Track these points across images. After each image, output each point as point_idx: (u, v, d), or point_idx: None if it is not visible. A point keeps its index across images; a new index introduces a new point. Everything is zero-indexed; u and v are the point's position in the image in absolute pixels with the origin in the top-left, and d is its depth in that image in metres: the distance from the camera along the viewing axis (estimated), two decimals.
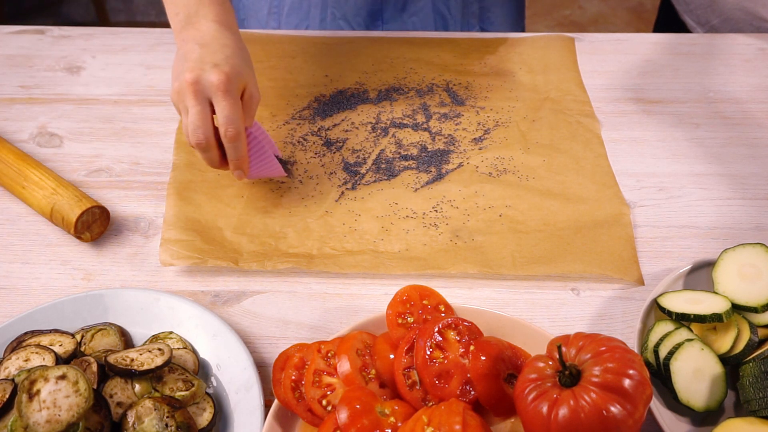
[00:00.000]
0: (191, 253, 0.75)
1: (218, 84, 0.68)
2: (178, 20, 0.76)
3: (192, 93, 0.69)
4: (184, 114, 0.72)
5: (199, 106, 0.69)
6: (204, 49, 0.71)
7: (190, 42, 0.72)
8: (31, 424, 0.52)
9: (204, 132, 0.70)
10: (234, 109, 0.70)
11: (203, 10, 0.74)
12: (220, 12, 0.75)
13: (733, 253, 0.68)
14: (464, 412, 0.53)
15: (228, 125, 0.69)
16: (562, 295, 0.73)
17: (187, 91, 0.69)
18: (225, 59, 0.70)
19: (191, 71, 0.69)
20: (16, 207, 0.82)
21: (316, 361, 0.60)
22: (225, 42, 0.72)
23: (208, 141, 0.71)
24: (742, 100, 0.97)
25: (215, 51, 0.71)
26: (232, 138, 0.70)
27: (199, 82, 0.69)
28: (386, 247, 0.76)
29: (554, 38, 1.07)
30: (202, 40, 0.72)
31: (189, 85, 0.69)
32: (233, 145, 0.71)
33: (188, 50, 0.71)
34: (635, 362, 0.51)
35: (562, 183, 0.83)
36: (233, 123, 0.70)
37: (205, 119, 0.70)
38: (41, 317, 0.67)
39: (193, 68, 0.69)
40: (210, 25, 0.73)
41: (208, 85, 0.69)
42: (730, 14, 1.10)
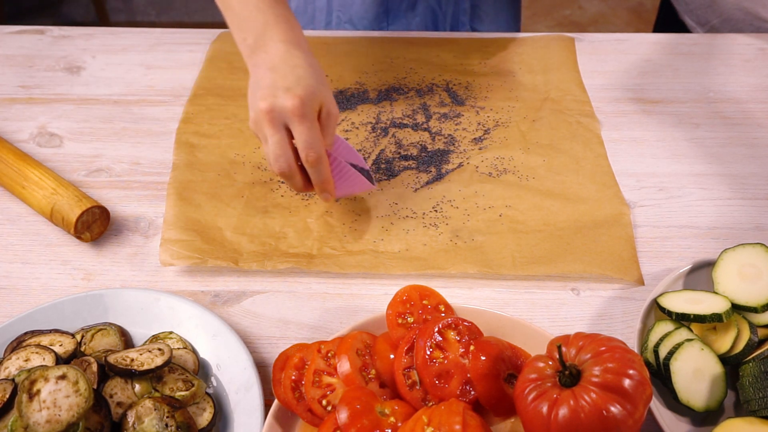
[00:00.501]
0: (191, 253, 0.75)
1: (293, 109, 0.67)
2: (247, 45, 0.74)
3: (268, 122, 0.68)
4: (264, 142, 0.70)
5: (278, 134, 0.68)
6: (275, 74, 0.69)
7: (260, 67, 0.70)
8: (31, 424, 0.52)
9: (285, 160, 0.69)
10: (312, 133, 0.68)
11: (270, 32, 0.72)
12: (287, 30, 0.73)
13: (733, 253, 0.68)
14: (464, 412, 0.53)
15: (308, 150, 0.68)
16: (562, 295, 0.73)
17: (264, 120, 0.68)
18: (297, 81, 0.68)
19: (264, 99, 0.67)
20: (16, 207, 0.82)
21: (316, 361, 0.60)
22: (295, 62, 0.70)
23: (290, 169, 0.70)
24: (742, 100, 0.97)
25: (286, 74, 0.68)
26: (313, 163, 0.69)
27: (273, 110, 0.67)
28: (386, 247, 0.76)
29: (554, 38, 1.07)
30: (271, 64, 0.70)
31: (264, 114, 0.67)
32: (316, 169, 0.70)
33: (260, 76, 0.70)
34: (635, 362, 0.51)
35: (562, 183, 0.83)
36: (313, 147, 0.68)
37: (285, 147, 0.69)
38: (41, 317, 0.67)
39: (266, 96, 0.67)
40: (278, 46, 0.71)
41: (283, 111, 0.67)
42: (730, 14, 1.10)
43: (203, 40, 1.08)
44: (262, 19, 0.73)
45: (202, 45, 1.07)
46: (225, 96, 0.97)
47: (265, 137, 0.69)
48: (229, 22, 0.76)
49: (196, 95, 0.97)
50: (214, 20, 2.84)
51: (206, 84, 0.99)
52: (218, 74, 1.01)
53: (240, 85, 0.99)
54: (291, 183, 0.72)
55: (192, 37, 1.09)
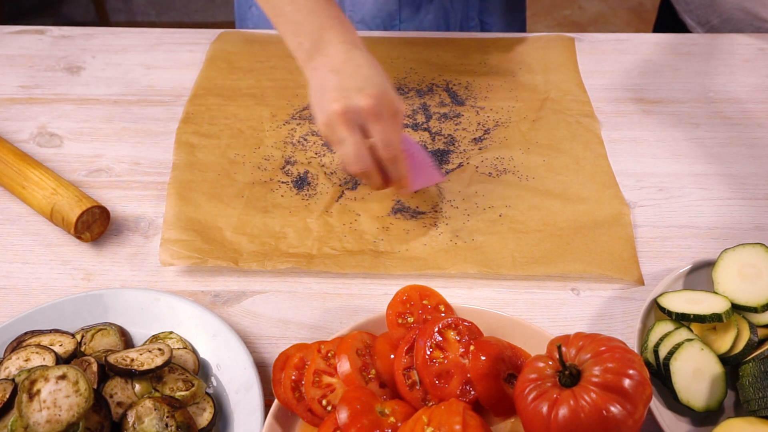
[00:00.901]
0: (191, 253, 0.75)
1: (368, 109, 0.67)
2: (304, 50, 0.73)
3: (344, 123, 0.68)
4: (337, 145, 0.71)
5: (355, 135, 0.68)
6: (340, 75, 0.69)
7: (322, 70, 0.70)
8: (32, 424, 0.52)
9: (365, 160, 0.69)
10: (389, 130, 0.69)
11: (327, 35, 0.72)
12: (344, 32, 0.73)
13: (733, 253, 0.68)
14: (464, 412, 0.53)
15: (387, 148, 0.69)
16: (562, 295, 0.73)
17: (338, 122, 0.68)
18: (366, 81, 0.68)
19: (337, 101, 0.67)
20: (16, 207, 0.82)
21: (316, 361, 0.60)
22: (358, 62, 0.70)
23: (370, 168, 0.70)
24: (742, 100, 0.97)
25: (352, 75, 0.69)
26: (393, 160, 0.70)
27: (348, 111, 0.67)
28: (386, 247, 0.76)
29: (554, 38, 1.07)
30: (333, 66, 0.70)
31: (339, 116, 0.67)
32: (394, 166, 0.71)
33: (324, 79, 0.69)
34: (635, 362, 0.51)
35: (562, 183, 0.83)
36: (391, 145, 0.69)
37: (363, 147, 0.69)
38: (41, 317, 0.67)
39: (338, 98, 0.67)
40: (339, 48, 0.71)
41: (358, 111, 0.67)
42: (730, 14, 1.10)
43: (203, 40, 1.08)
44: (317, 23, 0.72)
45: (202, 45, 1.07)
46: (225, 96, 0.97)
47: (340, 139, 0.69)
48: (282, 29, 0.75)
49: (196, 95, 0.97)
50: (214, 20, 2.84)
51: (206, 84, 0.99)
52: (218, 74, 1.01)
53: (240, 85, 0.99)
54: (370, 182, 0.73)
55: (192, 37, 1.09)
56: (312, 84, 0.71)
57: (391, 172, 0.72)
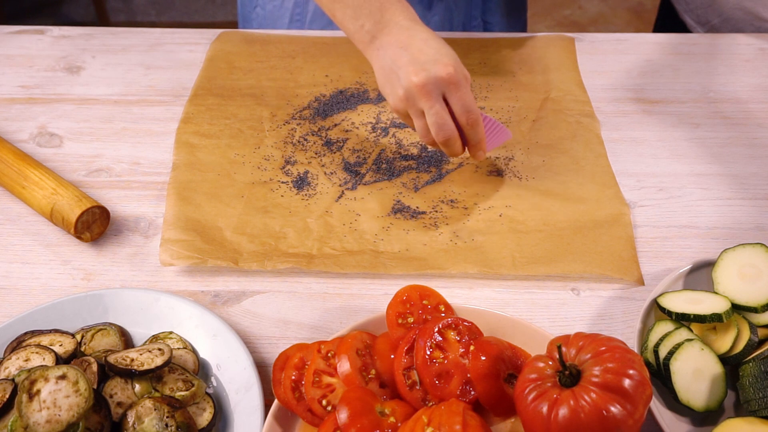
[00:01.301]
0: (191, 253, 0.75)
1: (448, 78, 0.70)
2: (366, 32, 0.75)
3: (425, 94, 0.71)
4: (416, 117, 0.74)
5: (438, 104, 0.71)
6: (410, 51, 0.71)
7: (390, 48, 0.73)
8: (31, 424, 0.52)
9: (449, 127, 0.73)
10: (469, 97, 0.72)
11: (388, 14, 0.74)
12: (404, 9, 0.75)
13: (733, 253, 0.68)
14: (464, 412, 0.53)
15: (468, 114, 0.73)
16: (562, 295, 0.73)
17: (419, 94, 0.71)
18: (437, 53, 0.71)
19: (416, 74, 0.70)
20: (16, 207, 0.82)
21: (316, 361, 0.60)
22: (424, 37, 0.73)
23: (454, 134, 0.74)
24: (742, 100, 0.97)
25: (422, 49, 0.71)
26: (473, 124, 0.73)
27: (429, 83, 0.70)
28: (386, 247, 0.76)
29: (554, 38, 1.07)
30: (402, 43, 0.72)
31: (420, 87, 0.70)
32: (475, 130, 0.74)
33: (394, 56, 0.72)
34: (635, 362, 0.51)
35: (562, 183, 0.83)
36: (472, 111, 0.73)
37: (446, 116, 0.72)
38: (41, 317, 0.67)
39: (417, 71, 0.70)
40: (402, 24, 0.74)
41: (438, 82, 0.70)
42: (730, 14, 1.10)
43: (203, 40, 1.08)
44: (377, 4, 0.75)
45: (202, 45, 1.07)
46: (225, 96, 0.97)
47: (420, 111, 0.73)
48: (340, 16, 0.78)
49: (196, 95, 0.97)
50: (214, 20, 2.84)
51: (206, 84, 0.99)
52: (218, 74, 1.01)
53: (240, 85, 0.99)
54: (452, 149, 0.76)
55: (192, 37, 1.09)
56: (380, 64, 0.74)
57: (470, 137, 0.75)
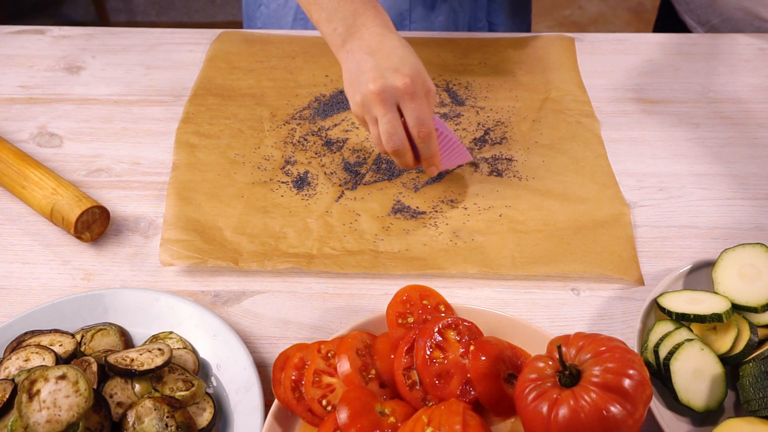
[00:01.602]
0: (191, 253, 0.75)
1: (404, 88, 0.70)
2: (338, 35, 0.75)
3: (380, 102, 0.70)
4: (371, 124, 0.73)
5: (390, 113, 0.71)
6: (376, 57, 0.71)
7: (357, 53, 0.72)
8: (31, 424, 0.52)
9: (399, 138, 0.72)
10: (423, 110, 0.71)
11: (360, 19, 0.74)
12: (377, 15, 0.75)
13: (733, 253, 0.68)
14: (464, 412, 0.53)
15: (420, 127, 0.71)
16: (562, 295, 0.73)
17: (375, 101, 0.70)
18: (401, 62, 0.71)
19: (374, 81, 0.70)
20: (16, 207, 0.82)
21: (316, 361, 0.60)
22: (393, 44, 0.72)
23: (403, 145, 0.73)
24: (742, 99, 0.97)
25: (388, 56, 0.71)
26: (425, 138, 0.72)
27: (384, 91, 0.70)
28: (386, 247, 0.76)
29: (554, 38, 1.07)
30: (369, 49, 0.72)
31: (376, 95, 0.70)
32: (426, 144, 0.73)
33: (359, 61, 0.72)
34: (635, 362, 0.51)
35: (562, 183, 0.83)
36: (424, 124, 0.71)
37: (398, 125, 0.71)
38: (41, 317, 0.67)
39: (375, 78, 0.70)
40: (372, 31, 0.73)
41: (393, 91, 0.70)
42: (730, 14, 1.10)
43: (203, 40, 1.08)
44: (350, 8, 0.75)
45: (202, 45, 1.07)
46: (225, 96, 0.97)
47: (374, 119, 0.72)
48: (316, 17, 0.78)
49: (196, 95, 0.97)
50: (214, 20, 2.84)
51: (206, 84, 0.99)
52: (218, 74, 1.01)
53: (240, 85, 0.99)
54: (402, 160, 0.75)
55: (192, 37, 1.09)
56: (346, 67, 0.74)
57: (421, 151, 0.74)
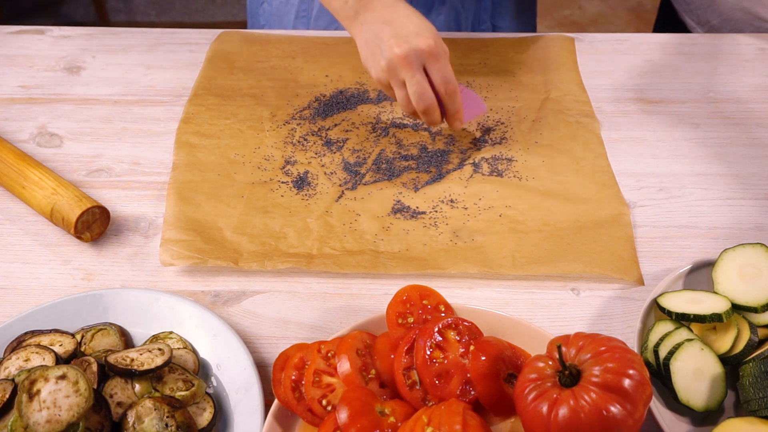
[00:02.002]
0: (191, 253, 0.75)
1: (429, 50, 0.75)
2: (349, 8, 0.80)
3: (407, 65, 0.75)
4: (398, 88, 0.78)
5: (419, 74, 0.76)
6: (393, 25, 0.76)
7: (373, 24, 0.77)
8: (31, 424, 0.52)
9: (429, 96, 0.77)
10: (448, 69, 0.77)
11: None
12: None
13: (733, 253, 0.68)
14: (464, 412, 0.53)
15: (447, 84, 0.77)
16: (562, 295, 0.73)
17: (401, 64, 0.75)
18: (419, 27, 0.76)
19: (398, 46, 0.75)
20: (16, 207, 0.82)
21: (316, 361, 0.60)
22: (406, 12, 0.77)
23: (432, 104, 0.78)
24: (742, 100, 0.97)
25: (405, 24, 0.76)
26: (452, 94, 0.78)
27: (410, 54, 0.75)
28: (386, 247, 0.76)
29: (554, 38, 1.07)
30: (384, 19, 0.77)
31: (402, 58, 0.75)
32: (453, 100, 0.79)
33: (377, 31, 0.77)
34: (635, 362, 0.51)
35: (562, 183, 0.83)
36: (450, 81, 0.77)
37: (426, 85, 0.77)
38: (41, 317, 0.67)
39: (399, 43, 0.75)
40: (385, 2, 0.78)
41: (419, 53, 0.75)
42: (730, 14, 1.10)
43: (203, 40, 1.08)
44: None
45: (202, 45, 1.07)
46: (225, 96, 0.97)
47: (401, 82, 0.77)
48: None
49: (196, 95, 0.97)
50: (214, 20, 2.84)
51: (206, 84, 0.99)
52: (218, 74, 1.01)
53: (240, 85, 0.99)
54: (430, 118, 0.80)
55: (192, 37, 1.09)
56: (362, 38, 0.78)
57: (448, 106, 0.80)
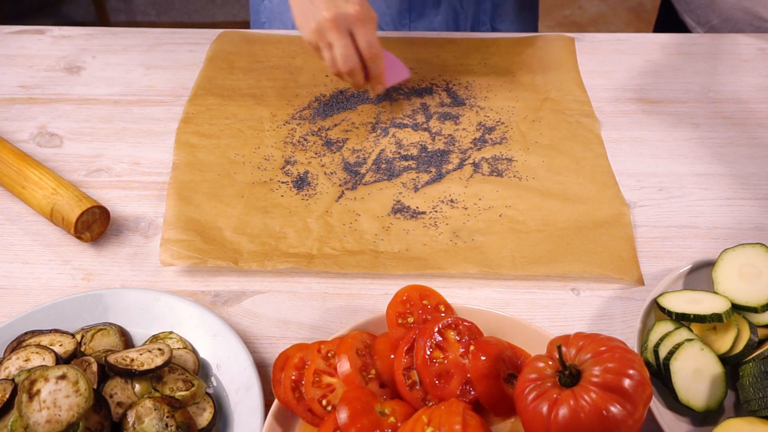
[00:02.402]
0: (191, 253, 0.75)
1: (356, 15, 0.79)
2: None
3: (335, 28, 0.79)
4: (325, 50, 0.82)
5: (344, 38, 0.80)
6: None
7: None
8: (31, 424, 0.52)
9: (353, 58, 0.81)
10: (372, 34, 0.81)
11: None
12: None
13: (733, 253, 0.68)
14: (464, 412, 0.53)
15: (370, 48, 0.81)
16: (562, 295, 0.73)
17: (329, 27, 0.79)
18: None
19: (327, 9, 0.78)
20: (16, 207, 0.82)
21: (316, 361, 0.60)
22: None
23: (357, 66, 0.82)
24: (742, 99, 0.97)
25: None
26: (374, 58, 0.83)
27: (338, 17, 0.78)
28: (386, 247, 0.76)
29: (554, 38, 1.07)
30: None
31: (330, 21, 0.78)
32: (375, 64, 0.83)
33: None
34: (635, 362, 0.51)
35: (562, 183, 0.83)
36: (374, 46, 0.82)
37: (351, 48, 0.81)
38: (41, 317, 0.67)
39: (329, 7, 0.78)
40: None
41: (346, 17, 0.79)
42: (730, 14, 1.10)
43: (203, 40, 1.08)
44: None
45: (202, 45, 1.07)
46: (225, 96, 0.97)
47: (329, 44, 0.81)
48: None
49: (196, 95, 0.97)
50: (214, 20, 2.84)
51: (206, 84, 0.99)
52: (218, 74, 1.01)
53: (240, 85, 0.99)
54: (355, 80, 0.85)
55: (192, 37, 1.09)
56: (298, 2, 0.82)
57: (371, 70, 0.84)
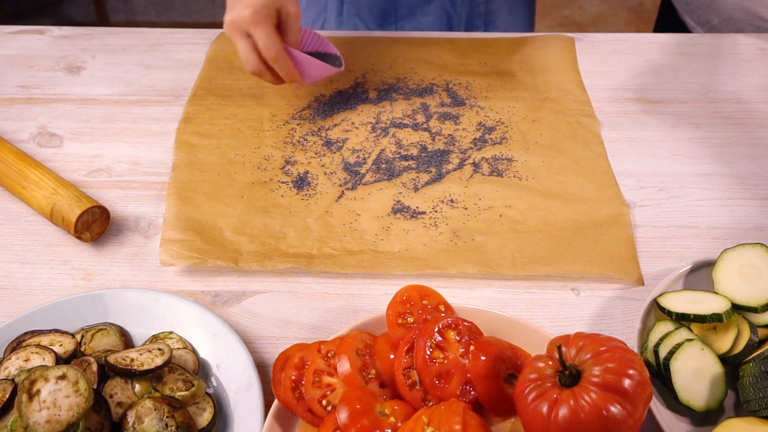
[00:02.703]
0: (191, 253, 0.75)
1: (248, 18, 0.80)
2: None
3: (233, 32, 0.82)
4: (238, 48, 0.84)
5: (242, 41, 0.82)
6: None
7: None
8: (31, 424, 0.52)
9: (253, 61, 0.83)
10: (267, 35, 0.81)
11: None
12: None
13: (733, 253, 0.68)
14: (464, 412, 0.53)
15: (266, 50, 0.81)
16: (562, 295, 0.73)
17: (230, 31, 0.82)
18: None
19: (228, 14, 0.82)
20: (16, 207, 0.82)
21: (316, 361, 0.60)
22: None
23: (258, 67, 0.83)
24: (742, 99, 0.97)
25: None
26: (273, 59, 0.82)
27: (235, 21, 0.81)
28: (386, 247, 0.76)
29: (554, 38, 1.07)
30: None
31: (228, 26, 0.82)
32: (278, 64, 0.83)
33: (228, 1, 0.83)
34: (635, 362, 0.51)
35: (562, 183, 0.83)
36: (270, 47, 0.81)
37: (250, 51, 0.82)
38: (41, 317, 0.67)
39: (229, 11, 0.82)
40: None
41: (242, 21, 0.80)
42: (730, 14, 1.10)
43: (203, 40, 1.08)
44: None
45: (202, 45, 1.07)
46: (225, 96, 0.97)
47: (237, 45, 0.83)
48: None
49: (196, 95, 0.97)
50: (214, 20, 2.84)
51: (206, 84, 0.99)
52: (218, 74, 1.01)
53: (240, 85, 0.99)
54: (265, 80, 0.86)
55: (192, 37, 1.09)
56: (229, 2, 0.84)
57: (278, 70, 0.84)
